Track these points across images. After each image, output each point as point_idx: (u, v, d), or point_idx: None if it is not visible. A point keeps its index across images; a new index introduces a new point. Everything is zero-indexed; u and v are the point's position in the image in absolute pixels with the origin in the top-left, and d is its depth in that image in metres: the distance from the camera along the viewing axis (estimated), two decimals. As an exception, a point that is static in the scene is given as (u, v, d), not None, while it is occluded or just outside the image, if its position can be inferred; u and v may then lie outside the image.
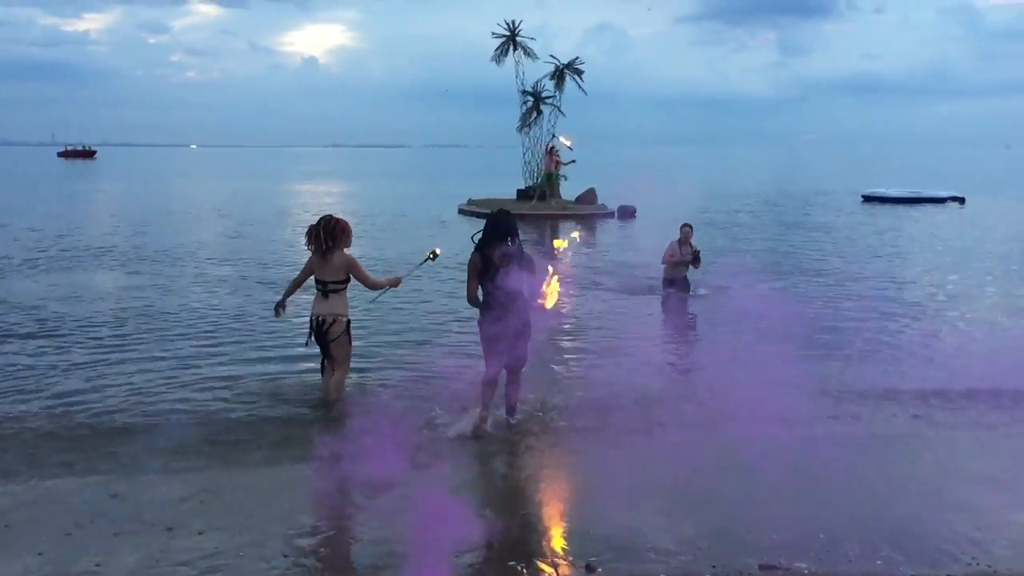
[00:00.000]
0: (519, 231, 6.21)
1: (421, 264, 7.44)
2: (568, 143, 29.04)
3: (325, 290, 6.75)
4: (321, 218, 6.82)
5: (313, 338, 6.87)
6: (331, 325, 6.72)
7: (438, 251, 7.21)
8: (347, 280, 6.79)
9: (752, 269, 13.69)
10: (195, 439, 6.19)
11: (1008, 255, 17.26)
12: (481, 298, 6.22)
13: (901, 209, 30.13)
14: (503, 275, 5.94)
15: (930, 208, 30.47)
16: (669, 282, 12.34)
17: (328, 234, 6.65)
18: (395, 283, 7.08)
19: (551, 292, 6.10)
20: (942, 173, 60.43)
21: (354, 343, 7.08)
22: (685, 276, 12.30)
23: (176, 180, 58.17)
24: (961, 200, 32.28)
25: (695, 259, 12.07)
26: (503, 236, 6.06)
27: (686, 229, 12.25)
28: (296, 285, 7.12)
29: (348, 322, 6.85)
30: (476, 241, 6.19)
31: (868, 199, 33.91)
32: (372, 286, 6.99)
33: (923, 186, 36.65)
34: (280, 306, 7.09)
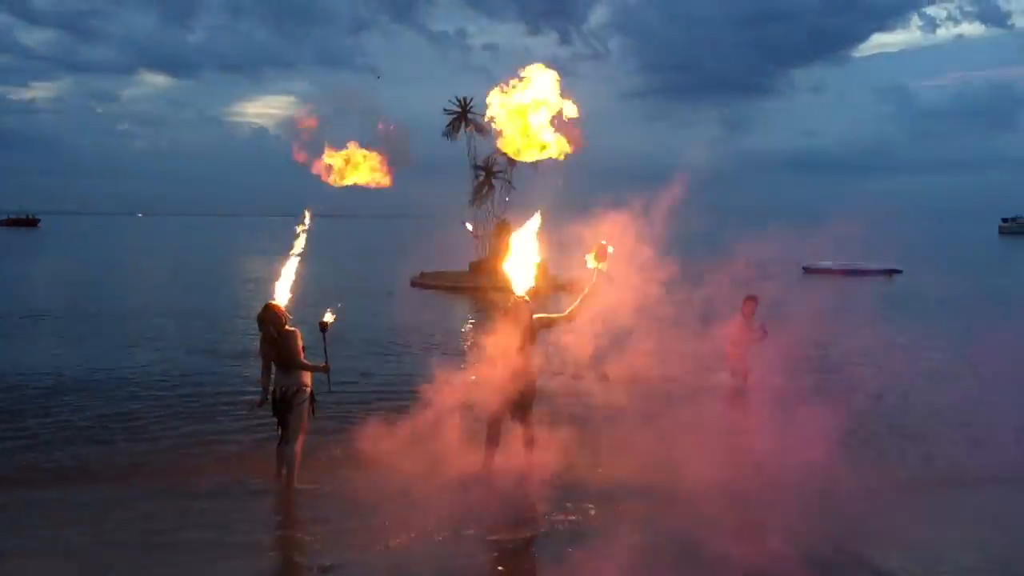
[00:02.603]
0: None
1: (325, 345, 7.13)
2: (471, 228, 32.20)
3: (287, 367, 6.85)
4: (263, 312, 6.91)
5: (272, 408, 6.90)
6: (295, 394, 6.81)
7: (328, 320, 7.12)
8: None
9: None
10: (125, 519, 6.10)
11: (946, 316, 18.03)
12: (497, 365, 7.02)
13: (839, 281, 31.10)
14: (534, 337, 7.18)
15: (866, 280, 31.67)
16: (737, 362, 9.90)
17: (273, 322, 6.84)
18: (324, 369, 7.01)
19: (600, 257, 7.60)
20: (879, 246, 62.45)
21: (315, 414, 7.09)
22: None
23: (120, 252, 57.15)
24: (890, 273, 33.63)
25: (763, 332, 9.83)
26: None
27: (751, 302, 9.98)
28: (266, 370, 6.96)
29: (311, 393, 6.94)
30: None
31: (808, 270, 34.91)
32: (300, 366, 6.88)
33: (861, 258, 37.93)
34: (259, 403, 6.98)
